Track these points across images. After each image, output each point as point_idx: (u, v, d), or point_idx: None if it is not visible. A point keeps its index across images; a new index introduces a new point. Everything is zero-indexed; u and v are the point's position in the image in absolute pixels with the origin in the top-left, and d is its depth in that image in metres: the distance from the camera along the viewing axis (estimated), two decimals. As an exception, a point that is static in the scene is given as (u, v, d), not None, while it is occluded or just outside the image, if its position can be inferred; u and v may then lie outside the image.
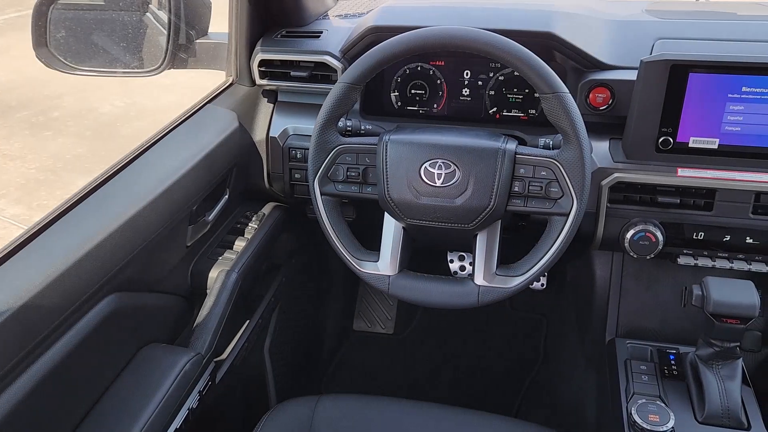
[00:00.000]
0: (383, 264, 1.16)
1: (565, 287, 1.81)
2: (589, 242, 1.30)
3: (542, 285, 2.03)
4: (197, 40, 1.47)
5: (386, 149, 1.11)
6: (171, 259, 1.21)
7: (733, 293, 1.08)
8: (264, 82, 1.41)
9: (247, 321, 1.44)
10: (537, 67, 1.04)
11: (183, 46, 1.45)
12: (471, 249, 1.15)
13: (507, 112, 1.40)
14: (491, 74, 1.38)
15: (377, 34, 1.29)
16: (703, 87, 1.14)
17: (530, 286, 2.01)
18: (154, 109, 5.36)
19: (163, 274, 1.19)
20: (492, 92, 1.39)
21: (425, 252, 1.88)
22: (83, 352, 0.95)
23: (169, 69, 1.46)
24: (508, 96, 1.38)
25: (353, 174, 1.15)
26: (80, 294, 0.93)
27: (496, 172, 1.07)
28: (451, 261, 1.87)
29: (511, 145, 1.09)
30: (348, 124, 1.24)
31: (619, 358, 1.24)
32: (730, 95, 1.13)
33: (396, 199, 1.11)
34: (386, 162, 1.11)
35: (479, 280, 1.12)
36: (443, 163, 1.09)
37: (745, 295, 1.08)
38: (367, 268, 1.16)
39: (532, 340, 2.07)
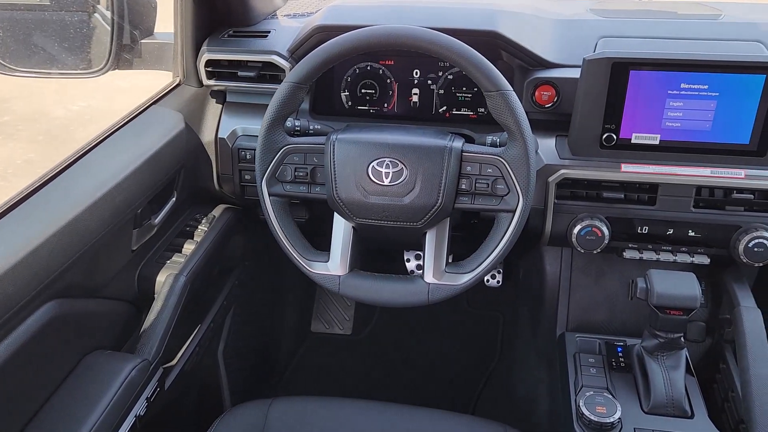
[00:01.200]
0: (333, 264, 1.15)
1: (519, 284, 1.83)
2: (539, 238, 1.31)
3: (498, 282, 2.05)
4: (142, 41, 1.45)
5: (334, 149, 1.11)
6: (115, 264, 1.18)
7: (675, 285, 1.11)
8: (211, 82, 1.39)
9: (199, 325, 1.42)
10: (480, 65, 1.04)
11: (127, 46, 1.42)
12: (422, 247, 1.16)
13: (457, 110, 1.41)
14: (440, 73, 1.39)
15: (324, 33, 1.28)
16: (643, 84, 1.16)
17: (486, 283, 2.06)
18: (109, 112, 5.24)
19: (108, 279, 1.16)
20: (441, 91, 1.40)
21: (383, 251, 1.88)
22: (22, 362, 0.92)
23: (113, 70, 1.43)
24: (458, 95, 1.39)
25: (301, 174, 1.14)
26: (15, 302, 0.90)
27: (442, 170, 1.07)
28: (408, 260, 1.87)
29: (458, 143, 1.09)
30: (296, 124, 1.23)
31: (569, 351, 1.26)
32: (669, 92, 1.16)
33: (344, 198, 1.11)
34: (334, 161, 1.11)
35: (429, 278, 1.12)
36: (391, 161, 1.09)
37: (687, 287, 1.10)
38: (316, 268, 1.16)
39: (489, 337, 2.09)
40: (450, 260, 1.17)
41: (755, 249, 1.19)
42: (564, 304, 1.41)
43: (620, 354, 1.25)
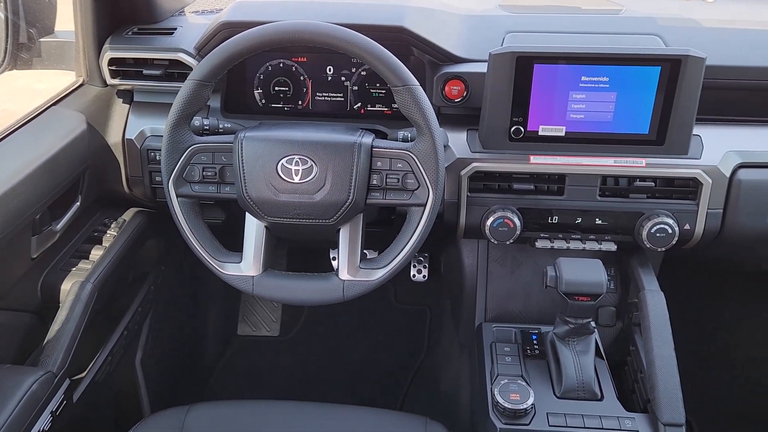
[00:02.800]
0: (246, 264, 1.13)
1: (442, 277, 1.85)
2: (455, 231, 1.33)
3: (424, 277, 2.07)
4: (41, 39, 1.38)
5: (242, 147, 1.08)
6: (13, 273, 1.12)
7: (582, 273, 1.14)
8: (116, 81, 1.34)
9: (112, 333, 1.37)
10: (386, 60, 1.04)
11: (24, 45, 1.35)
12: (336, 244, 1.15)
13: (371, 106, 1.41)
14: (353, 70, 1.39)
15: (230, 29, 1.26)
16: (547, 77, 1.19)
17: (412, 278, 2.07)
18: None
19: (6, 289, 1.10)
20: (355, 88, 1.40)
21: (312, 250, 1.87)
22: None
23: (10, 70, 1.36)
24: (371, 91, 1.40)
25: (210, 174, 1.11)
26: None
27: (352, 166, 1.07)
28: (334, 258, 1.87)
29: (367, 139, 1.09)
30: (205, 123, 1.20)
31: (485, 342, 1.28)
32: (572, 85, 1.19)
33: (255, 197, 1.09)
34: (242, 160, 1.09)
35: (344, 274, 1.12)
36: (300, 159, 1.08)
37: (594, 273, 1.14)
38: (229, 269, 1.13)
39: (416, 332, 2.11)
40: (370, 256, 1.17)
41: (657, 234, 1.24)
42: (482, 295, 1.44)
43: (535, 341, 1.28)
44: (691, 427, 1.80)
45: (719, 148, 1.26)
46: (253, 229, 1.14)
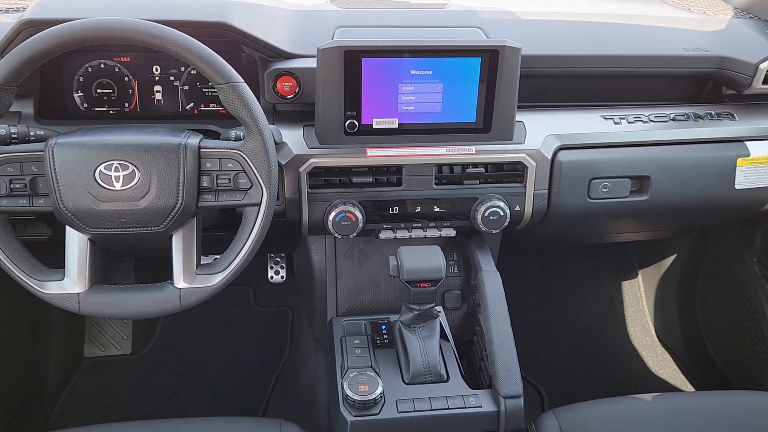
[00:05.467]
0: (69, 282, 1.05)
1: (297, 275, 1.83)
2: (299, 228, 1.32)
3: (282, 277, 2.04)
4: None
5: (53, 155, 1.00)
6: None
7: (422, 260, 1.17)
8: None
9: None
10: (206, 57, 1.01)
11: None
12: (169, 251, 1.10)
13: (205, 106, 1.36)
14: (182, 68, 1.33)
15: (33, 28, 1.16)
16: (376, 71, 1.20)
17: (270, 280, 2.03)
18: None
19: None
20: (186, 87, 1.34)
21: (157, 260, 1.77)
22: None
23: None
24: (204, 90, 1.35)
25: (19, 186, 1.02)
26: None
27: (179, 168, 1.02)
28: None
29: (194, 140, 1.05)
30: (12, 130, 1.10)
31: (336, 336, 1.28)
32: (400, 77, 1.22)
33: (73, 208, 1.01)
34: (55, 169, 1.00)
35: (180, 282, 1.07)
36: (120, 164, 1.01)
37: (433, 259, 1.17)
38: (49, 288, 1.05)
39: (278, 334, 2.08)
40: (206, 261, 1.13)
41: (491, 217, 1.30)
42: (332, 291, 1.44)
43: (384, 331, 1.30)
44: (540, 395, 1.93)
45: (540, 132, 1.34)
46: (75, 242, 1.06)
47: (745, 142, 1.43)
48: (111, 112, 1.33)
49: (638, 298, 2.27)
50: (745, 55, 1.41)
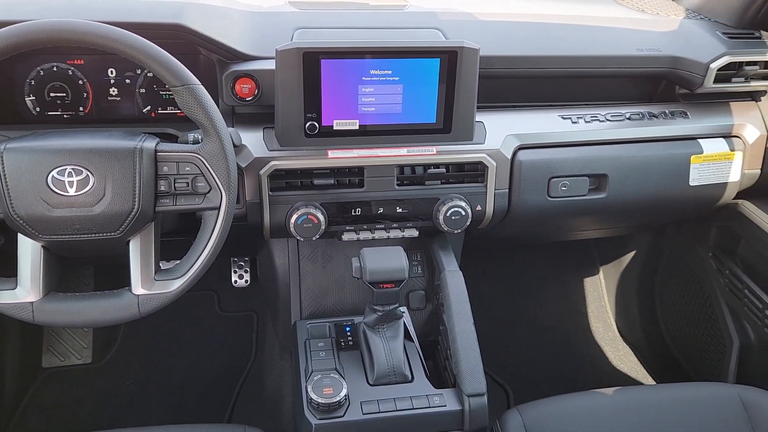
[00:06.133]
0: (22, 290, 1.03)
1: (260, 279, 1.82)
2: (261, 232, 1.30)
3: (246, 282, 2.03)
4: None
5: (2, 160, 0.97)
6: None
7: (384, 260, 1.17)
8: None
9: None
10: (160, 59, 0.99)
11: None
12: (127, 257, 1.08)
13: (162, 109, 1.34)
14: (138, 71, 1.31)
15: None
16: (336, 72, 1.20)
17: (234, 284, 2.01)
18: None
19: None
20: (143, 90, 1.32)
21: (117, 266, 1.73)
22: None
23: None
24: (161, 93, 1.33)
25: None
26: None
27: (134, 173, 1.01)
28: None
29: (150, 143, 1.03)
30: None
31: (300, 339, 1.27)
32: (360, 79, 1.21)
33: (25, 215, 0.99)
34: (5, 175, 0.98)
35: (138, 289, 1.05)
36: (73, 169, 0.99)
37: (395, 260, 1.18)
38: (2, 298, 1.02)
39: (244, 339, 2.06)
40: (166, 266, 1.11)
41: (453, 217, 1.30)
42: (296, 294, 1.43)
43: (348, 333, 1.30)
44: (506, 393, 1.94)
45: (500, 132, 1.36)
46: (28, 250, 1.03)
47: (699, 140, 1.47)
48: (65, 116, 1.30)
49: (600, 295, 2.31)
50: (696, 55, 1.45)
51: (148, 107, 1.33)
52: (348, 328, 1.31)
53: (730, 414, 1.22)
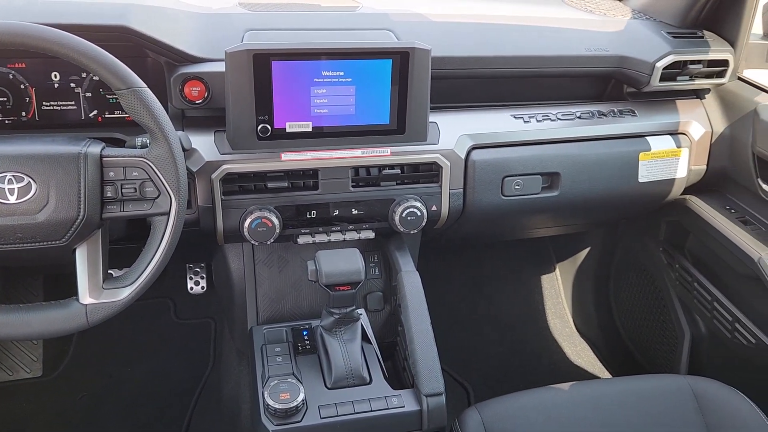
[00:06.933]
0: None
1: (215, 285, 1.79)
2: (214, 237, 1.28)
3: (202, 288, 1.99)
4: None
5: None
6: None
7: (340, 263, 1.16)
8: None
9: None
10: (104, 61, 0.97)
11: None
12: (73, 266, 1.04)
13: (109, 114, 1.31)
14: (83, 75, 1.27)
15: None
16: (288, 74, 1.19)
17: (190, 291, 1.97)
18: None
19: None
20: (88, 94, 1.28)
21: (68, 275, 1.68)
22: None
23: None
24: (108, 97, 1.29)
25: None
26: None
27: (79, 179, 0.98)
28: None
29: (95, 148, 1.00)
30: None
31: (256, 345, 1.26)
32: (312, 80, 1.20)
33: None
34: None
35: (85, 298, 1.02)
36: (14, 176, 0.96)
37: (351, 262, 1.17)
38: None
39: (201, 346, 2.02)
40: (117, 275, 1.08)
41: (408, 218, 1.30)
42: (252, 299, 1.41)
43: (306, 337, 1.28)
44: (467, 391, 1.96)
45: (454, 132, 1.36)
46: (-32, 261, 1.00)
47: (646, 138, 1.50)
48: (6, 121, 1.26)
49: (557, 291, 2.34)
50: (643, 54, 1.48)
51: (95, 112, 1.30)
52: (305, 332, 1.30)
53: (681, 404, 1.25)
